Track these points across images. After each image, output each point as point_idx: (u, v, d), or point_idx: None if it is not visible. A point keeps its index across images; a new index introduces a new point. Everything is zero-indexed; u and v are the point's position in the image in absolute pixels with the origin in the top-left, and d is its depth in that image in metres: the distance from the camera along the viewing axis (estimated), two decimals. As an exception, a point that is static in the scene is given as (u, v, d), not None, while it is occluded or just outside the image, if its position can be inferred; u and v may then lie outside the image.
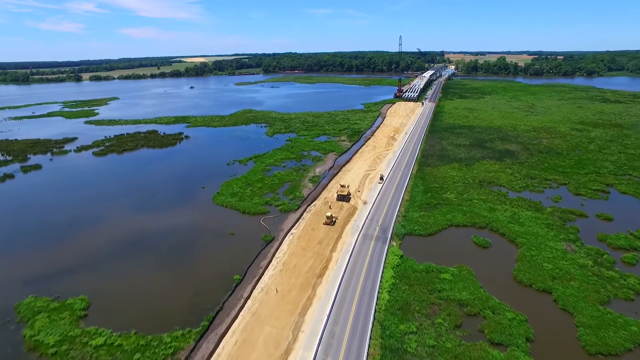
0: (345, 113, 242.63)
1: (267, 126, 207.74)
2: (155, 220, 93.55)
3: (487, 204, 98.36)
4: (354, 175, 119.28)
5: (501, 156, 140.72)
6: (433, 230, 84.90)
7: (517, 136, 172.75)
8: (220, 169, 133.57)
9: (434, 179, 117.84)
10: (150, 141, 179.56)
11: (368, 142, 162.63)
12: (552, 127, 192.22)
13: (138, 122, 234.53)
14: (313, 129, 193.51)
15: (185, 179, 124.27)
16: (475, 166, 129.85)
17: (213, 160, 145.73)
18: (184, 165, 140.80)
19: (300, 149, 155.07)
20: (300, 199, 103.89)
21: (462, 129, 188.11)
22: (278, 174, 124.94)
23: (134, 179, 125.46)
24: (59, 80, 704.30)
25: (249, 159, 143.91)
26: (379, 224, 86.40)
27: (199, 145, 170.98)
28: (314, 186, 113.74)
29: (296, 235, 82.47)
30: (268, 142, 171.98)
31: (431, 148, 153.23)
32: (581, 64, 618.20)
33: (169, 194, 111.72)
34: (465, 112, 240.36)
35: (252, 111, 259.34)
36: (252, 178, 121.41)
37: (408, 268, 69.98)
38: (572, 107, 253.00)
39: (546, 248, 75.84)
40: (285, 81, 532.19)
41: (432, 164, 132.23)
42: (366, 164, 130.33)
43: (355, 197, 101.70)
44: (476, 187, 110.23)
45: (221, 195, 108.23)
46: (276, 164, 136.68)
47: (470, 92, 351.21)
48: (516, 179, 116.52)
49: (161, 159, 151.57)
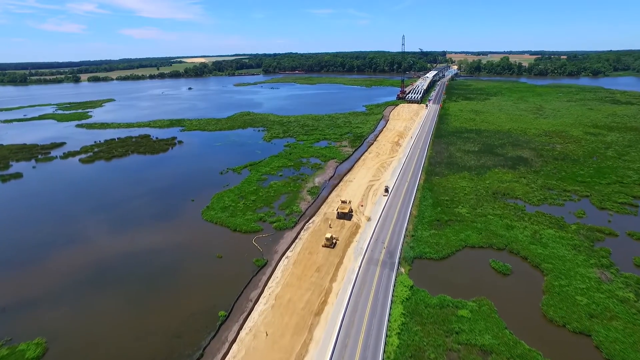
0: (347, 116, 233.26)
1: (264, 130, 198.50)
2: (134, 241, 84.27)
3: (503, 220, 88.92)
4: (356, 187, 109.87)
5: (514, 164, 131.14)
6: (446, 253, 75.50)
7: (529, 141, 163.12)
8: (212, 179, 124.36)
9: (443, 190, 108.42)
10: (141, 147, 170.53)
11: (371, 148, 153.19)
12: (564, 131, 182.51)
13: (131, 125, 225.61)
14: (313, 133, 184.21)
15: (174, 190, 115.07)
16: (487, 175, 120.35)
17: (205, 168, 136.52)
18: (174, 174, 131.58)
19: (299, 156, 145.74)
20: (297, 214, 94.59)
21: (470, 133, 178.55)
22: (274, 184, 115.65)
23: (118, 190, 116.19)
24: (57, 81, 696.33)
25: (244, 167, 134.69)
26: (384, 245, 77.08)
27: (192, 152, 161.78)
28: (312, 199, 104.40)
29: (292, 259, 73.17)
30: (265, 147, 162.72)
31: (438, 155, 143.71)
32: (586, 64, 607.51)
33: (154, 208, 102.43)
34: (471, 114, 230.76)
35: (249, 114, 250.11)
36: (245, 189, 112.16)
37: (420, 302, 60.61)
38: (583, 109, 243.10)
39: (577, 276, 66.36)
40: (286, 82, 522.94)
41: (440, 173, 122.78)
42: (369, 173, 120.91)
43: (358, 213, 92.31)
44: (490, 200, 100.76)
45: (211, 209, 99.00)
46: (272, 172, 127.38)
47: (475, 93, 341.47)
48: (533, 190, 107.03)
49: (151, 166, 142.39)
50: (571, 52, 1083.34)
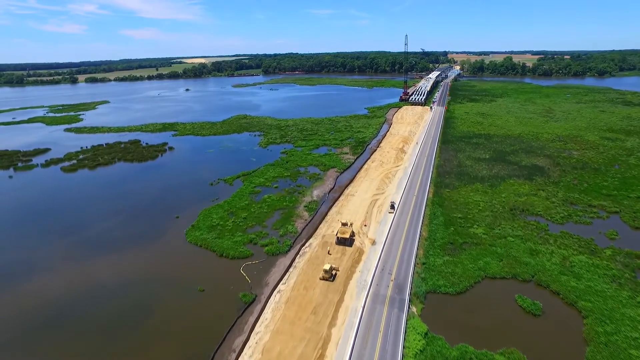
0: (348, 119, 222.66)
1: (261, 135, 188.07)
2: (104, 270, 73.74)
3: (526, 243, 78.33)
4: (358, 202, 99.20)
5: (530, 174, 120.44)
6: (463, 286, 64.93)
7: (542, 147, 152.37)
8: (201, 191, 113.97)
9: (455, 205, 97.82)
10: (129, 153, 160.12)
11: (374, 156, 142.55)
12: (579, 135, 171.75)
13: (122, 129, 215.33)
14: (312, 139, 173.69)
15: (158, 205, 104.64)
16: (502, 187, 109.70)
17: (195, 178, 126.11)
18: (160, 185, 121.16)
19: (296, 164, 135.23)
20: (292, 236, 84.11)
21: (479, 139, 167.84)
22: (268, 198, 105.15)
23: (97, 205, 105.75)
24: (54, 82, 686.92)
25: (237, 177, 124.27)
26: (392, 277, 66.56)
27: (183, 159, 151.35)
28: (310, 216, 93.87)
29: (284, 295, 62.66)
30: (260, 154, 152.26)
31: (447, 163, 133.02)
32: (591, 64, 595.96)
33: (133, 227, 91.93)
34: (478, 117, 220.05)
35: (246, 117, 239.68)
36: (236, 204, 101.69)
37: (437, 355, 50.10)
38: (595, 112, 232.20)
39: (624, 320, 55.75)
40: (285, 83, 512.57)
41: (450, 185, 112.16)
42: (373, 186, 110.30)
43: (361, 235, 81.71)
44: (508, 218, 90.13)
45: (197, 229, 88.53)
46: (267, 184, 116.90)
47: (480, 94, 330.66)
48: (554, 206, 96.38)
49: (137, 176, 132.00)
50: (573, 52, 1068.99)
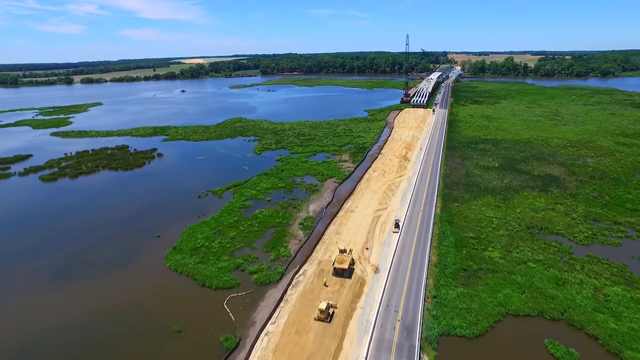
0: (347, 122, 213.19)
1: (256, 140, 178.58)
2: (65, 305, 64.14)
3: (549, 269, 69.02)
4: (359, 220, 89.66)
5: (544, 185, 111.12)
6: (482, 327, 55.57)
7: (554, 154, 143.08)
8: (187, 205, 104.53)
9: (466, 222, 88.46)
10: (114, 161, 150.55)
11: (375, 164, 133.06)
12: (592, 140, 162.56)
13: (111, 133, 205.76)
14: (309, 144, 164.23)
15: (139, 221, 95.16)
16: (515, 200, 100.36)
17: (182, 189, 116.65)
18: (144, 197, 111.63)
19: (292, 174, 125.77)
20: (285, 260, 74.74)
21: (486, 144, 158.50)
22: (260, 214, 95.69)
23: (71, 222, 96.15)
24: (49, 83, 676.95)
25: (227, 189, 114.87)
26: (399, 315, 57.16)
27: (171, 167, 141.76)
28: (305, 236, 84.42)
29: (273, 339, 53.21)
30: (254, 162, 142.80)
31: (454, 172, 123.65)
32: (594, 64, 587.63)
33: (108, 249, 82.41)
34: (483, 120, 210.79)
35: (241, 120, 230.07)
36: (224, 221, 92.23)
37: None
38: (604, 114, 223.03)
39: (679, 377, 46.42)
40: (283, 84, 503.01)
41: (459, 198, 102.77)
42: (375, 199, 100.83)
43: (362, 261, 72.25)
44: (526, 238, 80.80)
45: (178, 251, 79.08)
46: (259, 196, 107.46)
47: (483, 95, 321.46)
48: (575, 223, 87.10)
49: (120, 187, 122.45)
50: (573, 53, 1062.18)
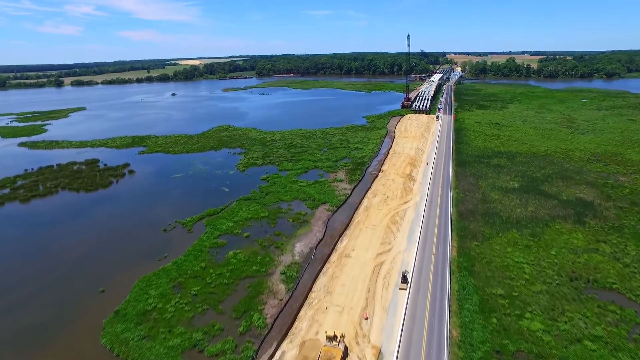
0: (344, 131, 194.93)
1: (242, 153, 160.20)
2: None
3: (616, 353, 50.85)
4: (356, 270, 71.06)
5: (577, 213, 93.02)
6: None
7: (580, 171, 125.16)
8: (149, 242, 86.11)
9: (491, 271, 70.26)
10: (79, 179, 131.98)
11: (376, 186, 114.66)
12: (618, 153, 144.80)
13: (84, 144, 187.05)
14: (300, 159, 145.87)
15: (84, 268, 76.61)
16: (547, 236, 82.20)
17: (147, 219, 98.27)
18: (98, 231, 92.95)
19: (278, 199, 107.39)
20: (258, 334, 56.32)
21: (500, 158, 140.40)
22: (234, 257, 77.28)
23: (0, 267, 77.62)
24: (38, 86, 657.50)
25: (200, 219, 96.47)
26: None
27: (140, 189, 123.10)
28: (287, 292, 65.97)
29: None
30: (236, 181, 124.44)
31: (468, 196, 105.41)
32: (598, 65, 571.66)
33: (33, 311, 63.83)
34: (492, 128, 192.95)
35: (229, 128, 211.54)
36: (188, 268, 73.82)
37: None
38: (623, 121, 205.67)
39: None
40: (278, 86, 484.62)
41: (478, 234, 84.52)
42: (376, 237, 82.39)
43: (359, 340, 53.70)
44: (572, 297, 62.60)
45: (122, 317, 60.63)
46: (236, 230, 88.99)
47: (488, 99, 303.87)
48: (631, 272, 69.04)
49: (74, 215, 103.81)
50: (573, 53, 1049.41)
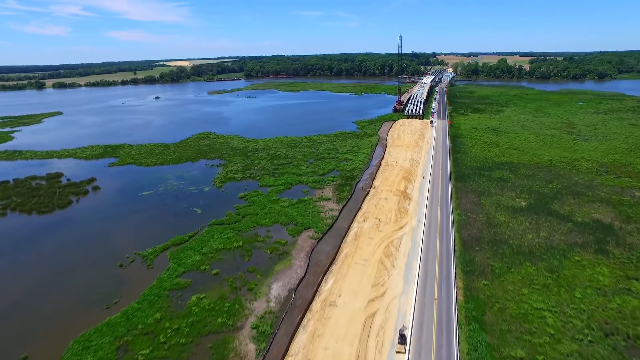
0: (332, 139, 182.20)
1: (221, 164, 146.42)
2: None
3: None
4: (344, 324, 58.01)
5: (597, 240, 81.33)
6: None
7: (590, 185, 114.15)
8: (99, 282, 72.17)
9: (505, 322, 57.92)
10: (33, 197, 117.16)
11: (367, 206, 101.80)
12: (627, 163, 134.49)
13: (51, 154, 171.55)
14: (284, 172, 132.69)
15: (10, 325, 62.38)
16: (567, 272, 70.27)
17: (102, 250, 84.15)
18: (40, 269, 78.58)
19: (256, 222, 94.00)
20: None
21: (502, 170, 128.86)
22: (196, 304, 63.79)
23: None
24: (17, 88, 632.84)
25: (163, 250, 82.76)
26: None
27: (101, 210, 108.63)
28: (257, 358, 52.70)
29: None
30: (211, 200, 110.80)
31: (471, 219, 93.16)
32: (590, 66, 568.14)
33: None
34: (490, 135, 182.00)
35: (209, 136, 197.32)
36: (140, 320, 60.13)
37: None
38: (624, 125, 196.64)
39: None
40: (266, 88, 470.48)
41: (486, 269, 72.26)
42: (367, 276, 69.42)
43: None
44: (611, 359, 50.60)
45: (39, 401, 46.83)
46: (203, 267, 75.46)
47: (482, 102, 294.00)
48: (671, 321, 57.19)
49: (17, 246, 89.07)
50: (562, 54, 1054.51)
